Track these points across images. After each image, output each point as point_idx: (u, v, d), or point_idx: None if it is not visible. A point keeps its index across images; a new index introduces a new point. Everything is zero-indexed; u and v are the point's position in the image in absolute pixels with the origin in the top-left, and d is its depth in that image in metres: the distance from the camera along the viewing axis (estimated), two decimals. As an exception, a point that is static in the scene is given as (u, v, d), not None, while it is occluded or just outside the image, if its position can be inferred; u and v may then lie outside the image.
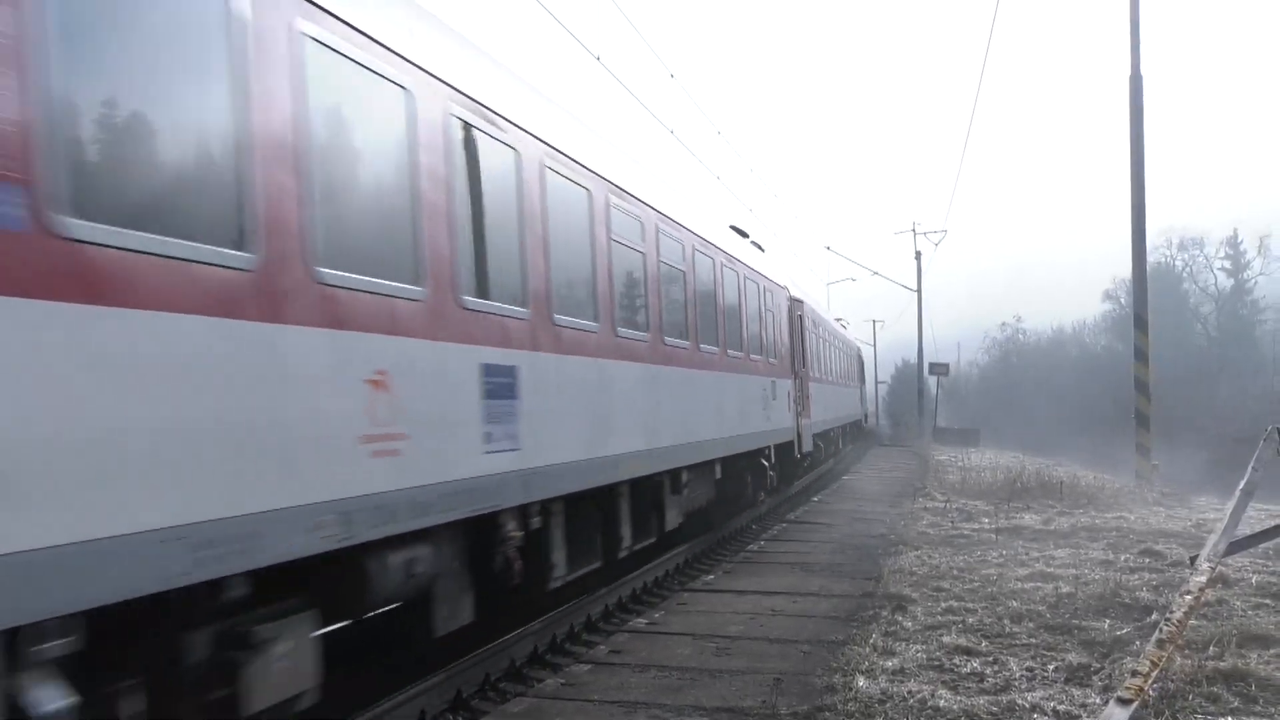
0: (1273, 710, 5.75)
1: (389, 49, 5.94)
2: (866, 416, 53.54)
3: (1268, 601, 8.52)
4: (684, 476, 11.91)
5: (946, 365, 56.44)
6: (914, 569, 10.65)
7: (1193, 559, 8.38)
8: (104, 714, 4.16)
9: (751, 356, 15.56)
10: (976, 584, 9.79)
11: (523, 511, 7.50)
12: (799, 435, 19.95)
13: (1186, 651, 6.70)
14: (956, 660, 6.99)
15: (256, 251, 4.71)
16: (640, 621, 8.99)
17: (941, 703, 5.98)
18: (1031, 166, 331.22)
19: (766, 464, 16.95)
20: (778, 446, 17.78)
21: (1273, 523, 9.29)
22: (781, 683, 6.64)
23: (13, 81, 3.60)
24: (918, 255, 54.01)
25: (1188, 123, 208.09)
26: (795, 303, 20.97)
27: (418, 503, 5.85)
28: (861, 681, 6.41)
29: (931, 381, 55.17)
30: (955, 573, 10.45)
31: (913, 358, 60.48)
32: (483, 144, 7.06)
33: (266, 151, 4.85)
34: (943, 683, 6.44)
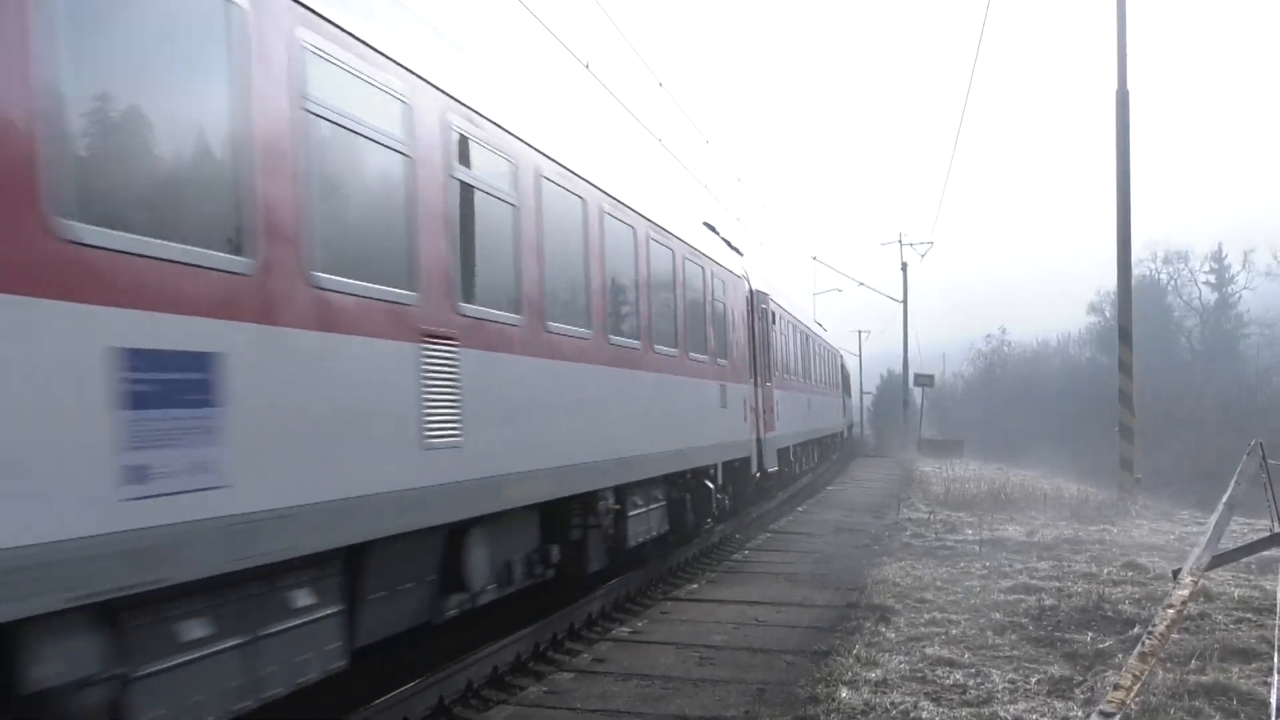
0: (1254, 724, 5.76)
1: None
2: (852, 424, 54.70)
3: (1250, 615, 8.54)
4: (823, 440, 31.27)
5: (931, 376, 56.65)
6: (897, 580, 10.67)
7: (1175, 572, 8.37)
8: None
9: (832, 386, 34.42)
10: (959, 595, 9.80)
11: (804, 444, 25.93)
12: (846, 427, 43.11)
13: (1169, 665, 6.72)
14: (939, 672, 6.99)
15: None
16: (623, 630, 8.96)
17: (924, 714, 5.98)
18: (1018, 179, 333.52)
19: (839, 438, 39.16)
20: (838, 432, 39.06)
21: (1255, 537, 9.32)
22: (765, 693, 6.63)
23: None
24: (904, 266, 54.13)
25: (1173, 137, 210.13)
26: (841, 356, 40.96)
27: (799, 435, 23.67)
28: (844, 692, 6.41)
29: (917, 392, 55.35)
30: (938, 584, 10.46)
31: (898, 369, 60.65)
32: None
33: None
34: (925, 694, 6.44)
